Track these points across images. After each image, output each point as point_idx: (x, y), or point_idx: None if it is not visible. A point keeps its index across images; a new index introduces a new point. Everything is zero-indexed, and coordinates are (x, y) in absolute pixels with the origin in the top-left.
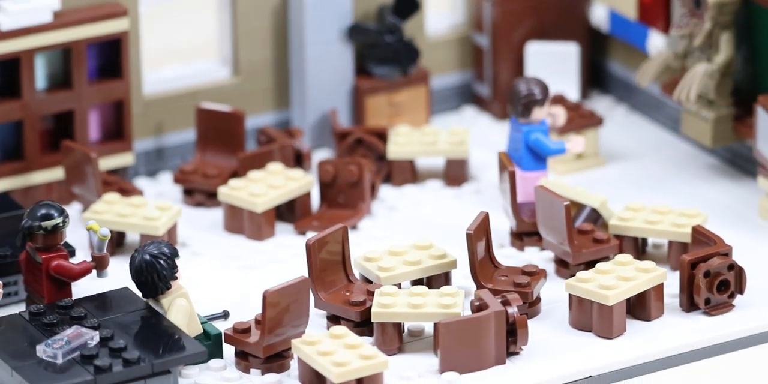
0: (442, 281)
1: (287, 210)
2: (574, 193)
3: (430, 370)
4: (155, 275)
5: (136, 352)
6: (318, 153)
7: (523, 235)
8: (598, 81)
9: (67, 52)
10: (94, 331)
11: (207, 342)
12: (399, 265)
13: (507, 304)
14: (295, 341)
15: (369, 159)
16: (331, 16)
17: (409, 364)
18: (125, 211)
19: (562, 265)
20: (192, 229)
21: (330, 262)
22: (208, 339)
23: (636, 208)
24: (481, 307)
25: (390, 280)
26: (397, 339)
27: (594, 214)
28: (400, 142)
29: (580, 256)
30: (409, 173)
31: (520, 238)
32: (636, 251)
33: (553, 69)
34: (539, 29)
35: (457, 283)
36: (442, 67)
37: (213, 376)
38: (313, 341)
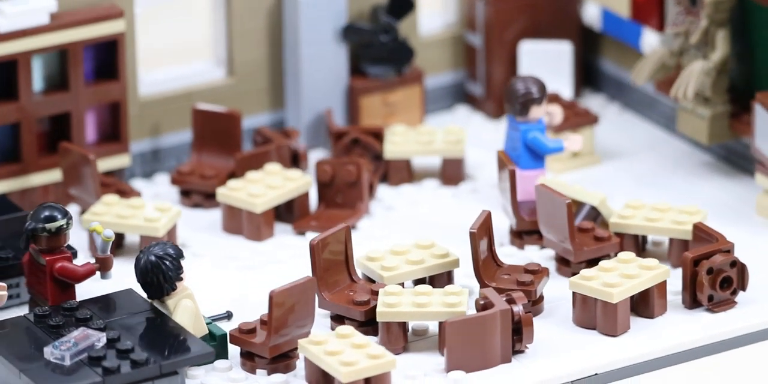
0: (445, 280)
1: (285, 210)
2: (573, 192)
3: (436, 368)
4: (161, 276)
5: (144, 354)
6: (313, 153)
7: (523, 234)
8: (589, 79)
9: (64, 54)
10: (101, 333)
11: (212, 343)
12: (402, 264)
13: (512, 302)
14: (302, 341)
15: (365, 159)
16: (325, 16)
17: (414, 363)
18: (125, 212)
19: (563, 263)
20: (190, 230)
21: (333, 262)
22: (213, 340)
23: (636, 205)
24: (486, 306)
25: (393, 280)
26: (402, 338)
27: (593, 212)
28: (397, 141)
29: (581, 254)
30: (406, 173)
31: (519, 237)
32: (636, 249)
33: (546, 68)
34: (532, 28)
35: (458, 282)
36: (435, 67)
37: (219, 376)
38: (320, 341)
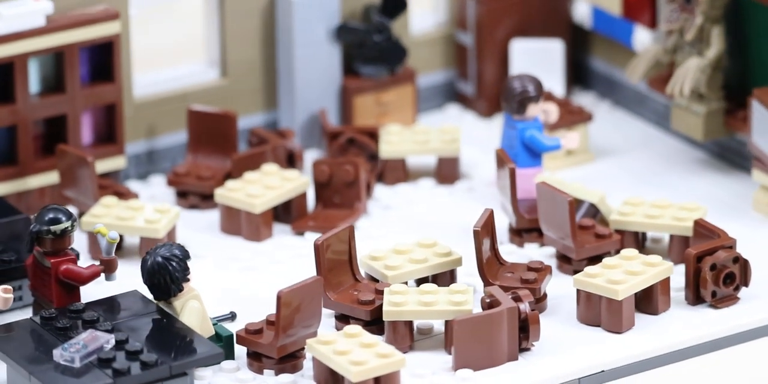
0: (448, 279)
1: (283, 211)
2: (571, 189)
3: (443, 367)
4: (168, 277)
5: (154, 355)
6: (308, 153)
7: (523, 232)
8: (580, 77)
9: (60, 56)
10: (109, 335)
11: (219, 343)
12: (405, 263)
13: (518, 300)
14: (311, 341)
15: (362, 158)
16: (318, 17)
17: (420, 361)
18: (124, 214)
19: (564, 261)
20: (189, 231)
21: (337, 262)
22: (219, 340)
23: (635, 202)
24: (492, 304)
25: (397, 279)
26: (409, 337)
27: (592, 209)
28: (393, 141)
29: (583, 252)
30: (402, 172)
31: (519, 235)
32: (637, 246)
33: (538, 66)
34: (522, 27)
35: (460, 280)
36: (426, 66)
37: (227, 377)
38: (329, 341)
